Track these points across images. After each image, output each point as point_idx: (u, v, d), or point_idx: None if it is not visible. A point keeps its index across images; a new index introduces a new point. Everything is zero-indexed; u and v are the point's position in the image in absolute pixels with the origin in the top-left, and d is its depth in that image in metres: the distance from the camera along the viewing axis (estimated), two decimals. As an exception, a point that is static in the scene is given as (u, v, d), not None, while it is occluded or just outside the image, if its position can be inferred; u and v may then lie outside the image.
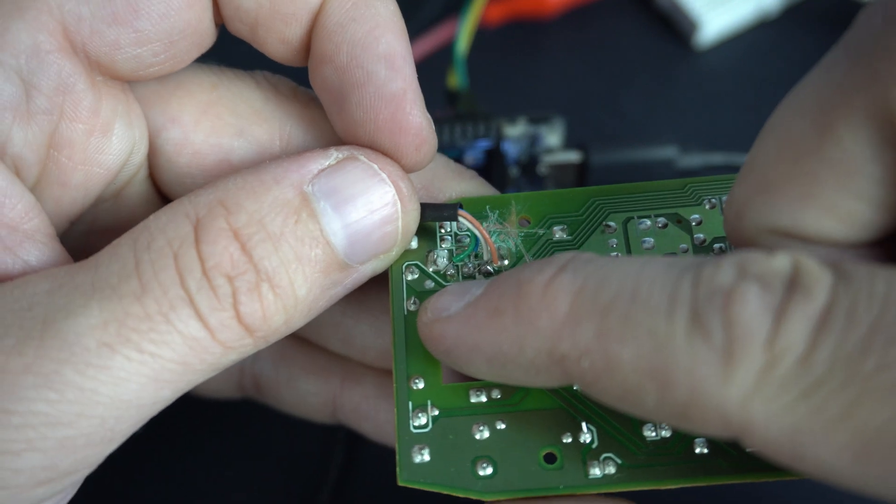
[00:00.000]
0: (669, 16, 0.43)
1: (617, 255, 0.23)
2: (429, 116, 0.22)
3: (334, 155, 0.22)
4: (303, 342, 0.29)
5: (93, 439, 0.19)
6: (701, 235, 0.23)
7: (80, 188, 0.22)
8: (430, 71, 0.40)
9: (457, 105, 0.36)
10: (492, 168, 0.34)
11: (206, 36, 0.22)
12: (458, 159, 0.34)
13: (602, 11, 0.43)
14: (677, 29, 0.42)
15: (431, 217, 0.23)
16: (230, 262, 0.20)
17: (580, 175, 0.35)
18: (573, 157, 0.35)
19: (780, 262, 0.17)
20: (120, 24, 0.21)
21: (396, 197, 0.22)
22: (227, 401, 0.31)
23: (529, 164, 0.35)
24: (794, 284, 0.16)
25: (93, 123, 0.22)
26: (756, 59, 0.41)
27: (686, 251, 0.23)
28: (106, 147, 0.22)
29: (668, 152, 0.35)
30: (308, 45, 0.22)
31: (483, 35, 0.41)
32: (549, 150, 0.35)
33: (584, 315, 0.18)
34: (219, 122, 0.23)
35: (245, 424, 0.34)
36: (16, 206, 0.21)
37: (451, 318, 0.20)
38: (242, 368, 0.29)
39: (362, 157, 0.22)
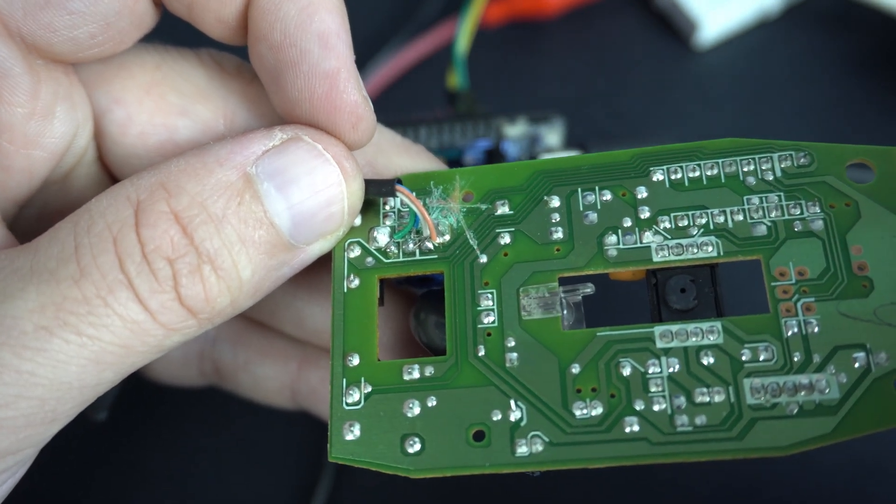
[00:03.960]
0: (669, 16, 0.43)
1: None
2: (365, 94, 0.22)
3: (279, 136, 0.22)
4: (260, 326, 0.29)
5: (33, 420, 0.19)
6: (646, 209, 0.23)
7: (23, 172, 0.22)
8: (430, 71, 0.40)
9: (457, 105, 0.36)
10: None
11: (145, 16, 0.22)
12: (459, 159, 0.34)
13: (602, 11, 0.43)
14: (677, 29, 0.42)
15: (371, 193, 0.23)
16: (170, 244, 0.20)
17: (580, 175, 0.35)
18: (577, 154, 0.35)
19: None
20: (52, 7, 0.21)
21: (341, 177, 0.22)
22: (194, 388, 0.31)
23: (529, 164, 0.35)
24: None
25: (32, 107, 0.22)
26: (756, 59, 0.41)
27: (630, 226, 0.23)
28: (48, 130, 0.22)
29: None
30: (246, 23, 0.22)
31: (483, 35, 0.42)
32: (549, 150, 0.35)
33: None
34: (162, 101, 0.24)
35: (239, 420, 0.35)
36: None
37: None
38: (202, 354, 0.30)
39: (306, 138, 0.22)
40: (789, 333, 0.21)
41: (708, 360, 0.21)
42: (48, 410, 0.20)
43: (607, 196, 0.23)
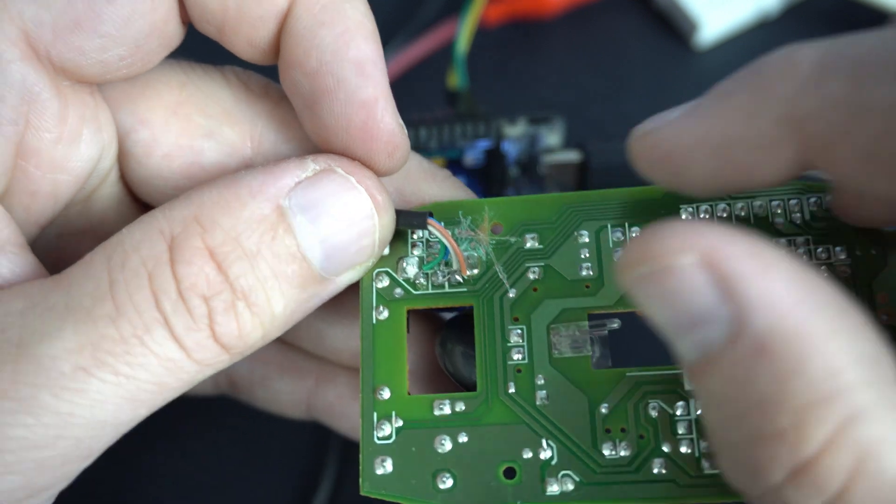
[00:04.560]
0: (669, 16, 0.43)
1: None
2: (401, 121, 0.22)
3: (311, 167, 0.21)
4: (278, 342, 0.29)
5: (70, 458, 0.19)
6: None
7: (49, 196, 0.22)
8: (430, 71, 0.40)
9: (457, 105, 0.36)
10: (492, 168, 0.34)
11: (173, 36, 0.22)
12: (458, 159, 0.34)
13: (602, 11, 0.43)
14: (677, 29, 0.42)
15: (402, 224, 0.23)
16: (206, 282, 0.20)
17: (580, 175, 0.35)
18: (573, 157, 0.35)
19: None
20: (83, 30, 0.20)
21: (374, 209, 0.22)
22: (205, 397, 0.31)
23: (529, 164, 0.35)
24: None
25: (60, 131, 0.21)
26: (756, 58, 0.41)
27: None
28: (74, 154, 0.22)
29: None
30: (277, 45, 0.22)
31: (483, 35, 0.41)
32: (549, 150, 0.35)
33: (834, 68, 0.16)
34: (188, 123, 0.23)
35: (239, 422, 0.34)
36: None
37: (670, 121, 0.19)
38: None
39: (339, 170, 0.21)
40: None
41: None
42: (84, 448, 0.20)
43: (637, 233, 0.23)
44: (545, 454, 0.21)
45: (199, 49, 0.24)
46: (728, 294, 0.16)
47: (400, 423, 0.22)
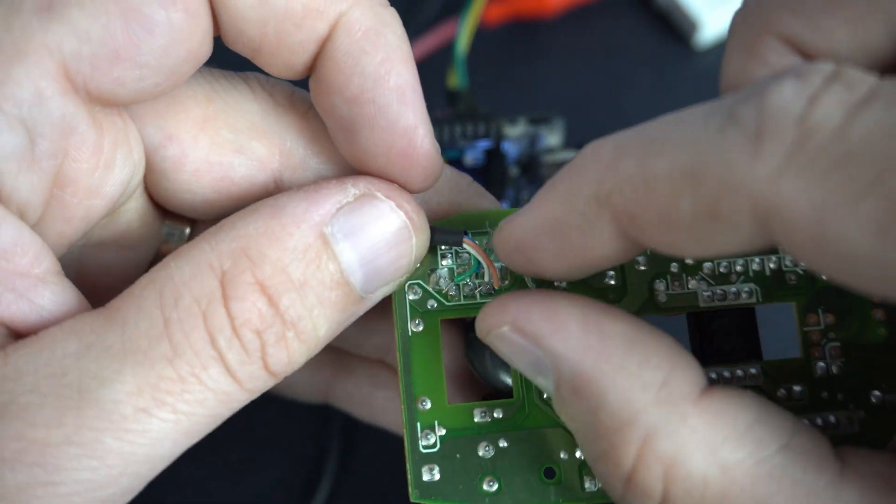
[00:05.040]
0: (669, 16, 0.43)
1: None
2: (437, 144, 0.22)
3: (352, 192, 0.22)
4: None
5: (129, 491, 0.20)
6: None
7: (82, 220, 0.22)
8: (430, 71, 0.40)
9: (457, 105, 0.36)
10: (492, 168, 0.34)
11: (205, 55, 0.22)
12: (459, 159, 0.34)
13: (602, 11, 0.43)
14: (677, 29, 0.42)
15: (438, 241, 0.23)
16: (259, 317, 0.20)
17: (580, 175, 0.35)
18: (573, 157, 0.35)
19: (822, 64, 0.16)
20: (122, 62, 0.20)
21: (412, 231, 0.22)
22: None
23: (529, 164, 0.35)
24: (834, 77, 0.16)
25: (97, 161, 0.21)
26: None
27: (676, 272, 0.24)
28: (109, 180, 0.22)
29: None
30: (312, 65, 0.22)
31: (483, 35, 0.41)
32: (549, 150, 0.35)
33: (627, 150, 0.18)
34: (217, 138, 0.23)
35: (240, 419, 0.34)
36: (27, 254, 0.20)
37: (518, 215, 0.21)
38: None
39: (379, 195, 0.22)
40: (818, 374, 0.23)
41: None
42: (142, 481, 0.20)
43: None
44: (580, 454, 0.23)
45: (217, 52, 0.24)
46: (541, 349, 0.20)
47: (443, 431, 0.23)
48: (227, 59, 0.23)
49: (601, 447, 0.19)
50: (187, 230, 0.25)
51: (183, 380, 0.20)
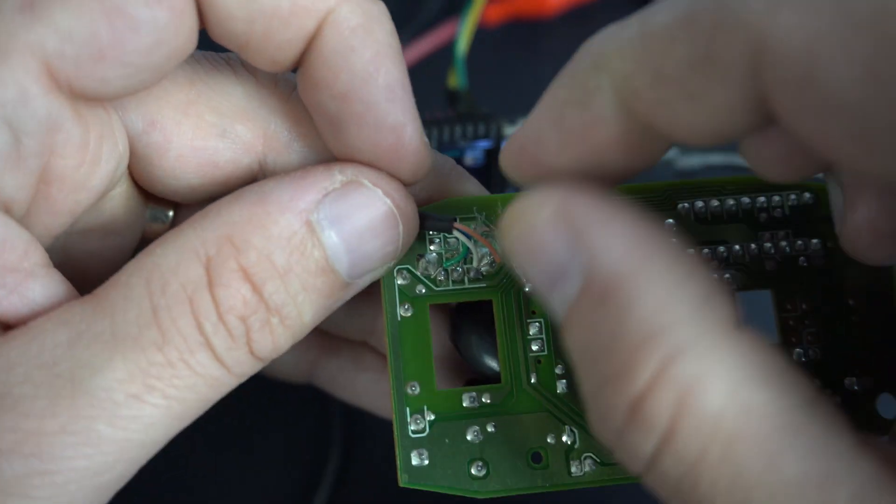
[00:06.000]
0: (669, 16, 0.43)
1: None
2: (426, 139, 0.22)
3: (338, 178, 0.22)
4: None
5: (124, 476, 0.21)
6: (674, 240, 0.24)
7: (69, 213, 0.22)
8: (430, 71, 0.40)
9: (457, 105, 0.36)
10: (492, 168, 0.34)
11: (190, 49, 0.21)
12: (459, 159, 0.34)
13: (602, 11, 0.43)
14: (677, 29, 0.42)
15: (429, 228, 0.23)
16: (243, 302, 0.20)
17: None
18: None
19: None
20: (106, 61, 0.20)
21: (399, 219, 0.22)
22: None
23: (529, 164, 0.35)
24: None
25: (83, 156, 0.21)
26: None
27: None
28: (95, 173, 0.22)
29: (666, 153, 0.35)
30: (299, 60, 0.22)
31: (483, 35, 0.41)
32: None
33: (628, 21, 0.19)
34: (200, 122, 0.23)
35: (240, 420, 0.35)
36: (16, 249, 0.21)
37: (524, 125, 0.20)
38: None
39: (366, 182, 0.22)
40: (795, 360, 0.24)
41: None
42: (137, 465, 0.21)
43: None
44: (567, 439, 0.23)
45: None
46: (578, 244, 0.17)
47: (432, 416, 0.23)
48: (208, 39, 0.23)
49: (613, 366, 0.17)
50: (171, 213, 0.25)
51: (172, 365, 0.20)
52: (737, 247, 0.24)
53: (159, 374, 0.20)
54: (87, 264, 0.24)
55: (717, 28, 0.16)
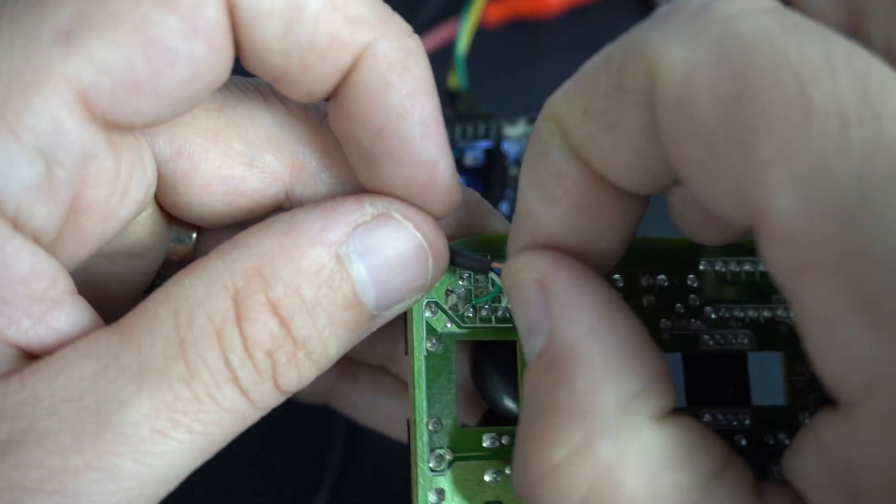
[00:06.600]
0: (669, 16, 0.43)
1: None
2: (456, 174, 0.22)
3: (369, 211, 0.21)
4: None
5: None
6: (695, 298, 0.24)
7: (96, 241, 0.22)
8: (431, 71, 0.40)
9: (457, 105, 0.36)
10: (492, 168, 0.34)
11: (225, 79, 0.21)
12: (459, 159, 0.34)
13: (602, 11, 0.43)
14: (677, 29, 0.42)
15: (462, 266, 0.23)
16: (270, 337, 0.20)
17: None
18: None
19: None
20: (142, 94, 0.19)
21: (429, 254, 0.22)
22: None
23: (529, 164, 0.35)
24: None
25: (114, 187, 0.21)
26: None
27: (683, 313, 0.24)
28: (125, 203, 0.22)
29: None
30: (332, 92, 0.21)
31: (483, 35, 0.41)
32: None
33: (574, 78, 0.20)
34: (229, 150, 0.23)
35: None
36: (44, 279, 0.20)
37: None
38: None
39: (397, 216, 0.22)
40: (802, 423, 0.24)
41: (742, 443, 0.23)
42: (157, 499, 0.20)
43: (663, 281, 0.24)
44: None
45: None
46: (547, 309, 0.19)
47: (451, 455, 0.23)
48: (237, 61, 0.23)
49: (543, 428, 0.18)
50: (194, 234, 0.25)
51: (199, 400, 0.20)
52: (751, 311, 0.24)
53: (185, 409, 0.19)
54: (111, 286, 0.24)
55: (626, 60, 0.18)
